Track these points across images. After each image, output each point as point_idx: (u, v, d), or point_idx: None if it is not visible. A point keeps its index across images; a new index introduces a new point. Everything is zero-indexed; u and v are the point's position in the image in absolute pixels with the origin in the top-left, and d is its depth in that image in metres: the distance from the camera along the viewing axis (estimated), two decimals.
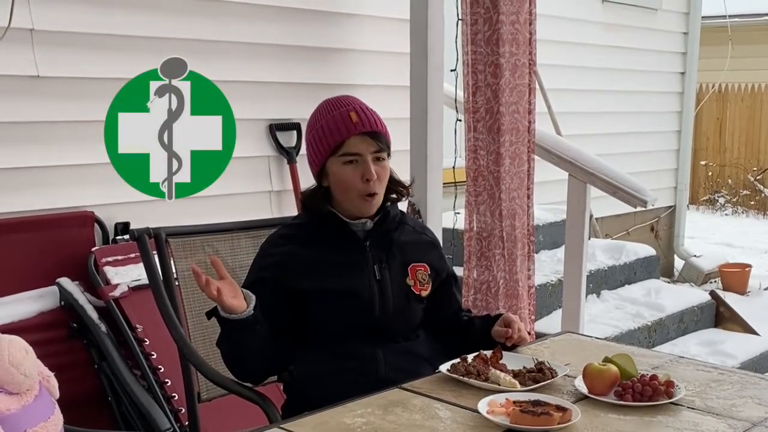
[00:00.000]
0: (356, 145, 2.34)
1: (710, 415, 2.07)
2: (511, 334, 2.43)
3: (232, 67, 4.31)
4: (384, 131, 2.39)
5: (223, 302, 2.16)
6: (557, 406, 1.99)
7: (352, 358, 2.38)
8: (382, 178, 2.38)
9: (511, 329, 2.44)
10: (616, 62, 7.16)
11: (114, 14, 3.85)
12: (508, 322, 2.46)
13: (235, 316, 2.21)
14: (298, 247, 2.42)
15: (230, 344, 2.32)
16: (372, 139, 2.35)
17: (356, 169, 2.35)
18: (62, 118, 3.76)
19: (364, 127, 2.34)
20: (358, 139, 2.34)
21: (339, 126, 2.35)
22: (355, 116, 2.34)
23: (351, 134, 2.34)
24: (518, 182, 4.31)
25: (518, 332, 2.45)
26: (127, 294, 3.62)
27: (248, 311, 2.22)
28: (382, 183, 2.39)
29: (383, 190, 2.41)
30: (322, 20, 4.69)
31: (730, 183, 13.37)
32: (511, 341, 2.45)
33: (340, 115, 2.36)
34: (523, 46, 4.28)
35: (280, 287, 2.38)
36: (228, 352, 2.36)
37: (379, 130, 2.36)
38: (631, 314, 5.49)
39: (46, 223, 3.68)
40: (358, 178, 2.35)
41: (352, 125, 2.34)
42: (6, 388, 1.93)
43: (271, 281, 2.39)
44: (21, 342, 1.99)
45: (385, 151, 2.38)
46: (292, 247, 2.43)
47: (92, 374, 3.55)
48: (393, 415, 2.03)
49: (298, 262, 2.39)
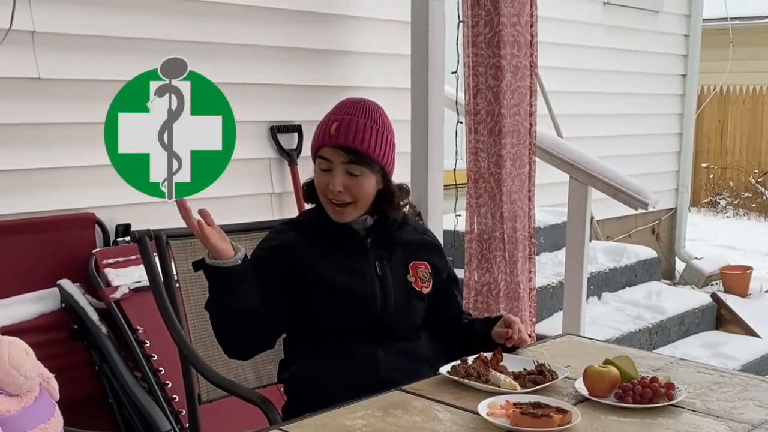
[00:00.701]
0: (329, 153, 2.38)
1: (711, 418, 2.07)
2: (512, 335, 2.44)
3: (233, 69, 4.31)
4: (363, 150, 2.36)
5: (209, 242, 2.18)
6: (557, 408, 1.99)
7: (353, 359, 2.38)
8: (353, 190, 2.38)
9: (512, 330, 2.44)
10: (617, 65, 7.17)
11: (115, 16, 3.86)
12: (509, 323, 2.47)
13: (221, 263, 2.21)
14: (301, 238, 2.45)
15: (218, 301, 2.29)
16: (344, 152, 2.36)
17: (326, 176, 2.40)
18: (63, 120, 3.76)
19: (338, 141, 2.36)
20: (331, 150, 2.38)
21: (319, 135, 2.41)
22: (334, 129, 2.37)
23: (325, 145, 2.39)
24: (519, 184, 4.31)
25: (518, 333, 2.45)
26: (127, 296, 3.62)
27: (236, 258, 2.23)
28: (354, 194, 2.39)
29: (360, 203, 2.41)
30: (324, 22, 4.69)
31: (731, 185, 13.38)
32: (512, 342, 2.45)
33: (325, 123, 2.41)
34: (524, 48, 4.28)
35: (281, 267, 2.39)
36: (216, 311, 2.33)
37: (355, 147, 2.36)
38: (632, 316, 5.48)
39: (47, 224, 3.68)
40: (326, 185, 2.39)
41: (328, 137, 2.38)
42: (6, 390, 1.93)
43: (272, 260, 2.40)
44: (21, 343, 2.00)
45: (359, 165, 2.37)
46: (295, 236, 2.46)
47: (93, 376, 3.55)
48: (393, 417, 2.03)
49: (300, 251, 2.42)
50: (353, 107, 2.42)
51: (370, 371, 2.37)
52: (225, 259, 2.22)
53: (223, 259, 2.22)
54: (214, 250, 2.20)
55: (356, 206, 2.41)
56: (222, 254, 2.21)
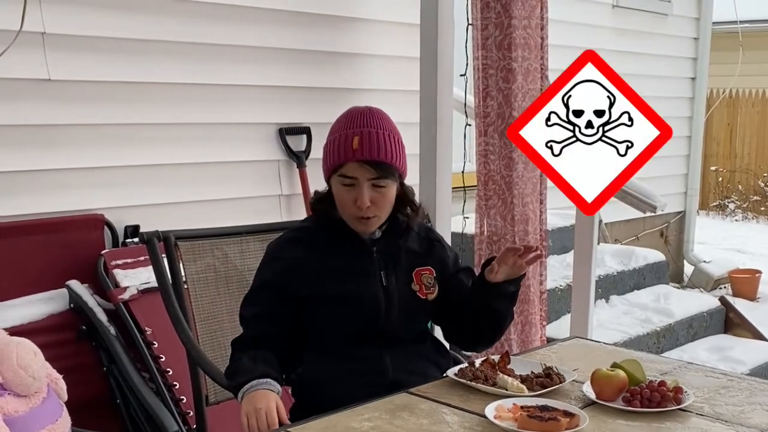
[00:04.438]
0: (354, 170, 2.32)
1: (719, 422, 2.06)
2: (497, 267, 2.37)
3: (242, 71, 4.33)
4: (388, 160, 2.33)
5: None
6: (565, 411, 1.99)
7: (360, 361, 2.38)
8: (380, 203, 2.36)
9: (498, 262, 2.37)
10: (627, 67, 7.12)
11: (125, 18, 3.87)
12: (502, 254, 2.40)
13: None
14: (306, 252, 2.42)
15: None
16: (371, 166, 2.32)
17: (351, 192, 2.34)
18: (73, 121, 3.77)
19: (363, 155, 2.31)
20: (356, 165, 2.32)
21: (339, 149, 2.33)
22: (357, 142, 2.31)
23: (349, 160, 2.32)
24: (531, 187, 4.31)
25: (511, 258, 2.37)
26: (136, 297, 3.63)
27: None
28: (380, 207, 2.37)
29: (384, 213, 2.40)
30: (333, 25, 4.70)
31: (740, 188, 13.34)
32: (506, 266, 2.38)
33: (345, 138, 2.33)
34: (534, 50, 4.28)
35: (287, 292, 2.38)
36: None
37: (380, 160, 2.32)
38: (640, 320, 5.47)
39: (56, 225, 3.69)
40: (352, 202, 2.34)
41: (351, 152, 2.31)
42: (14, 391, 1.94)
43: (278, 286, 2.39)
44: (29, 344, 2.00)
45: (386, 179, 2.34)
46: (300, 251, 2.43)
47: (101, 377, 3.55)
48: (400, 420, 2.03)
49: (305, 268, 2.39)
50: (366, 118, 2.37)
51: (376, 373, 2.37)
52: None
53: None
54: None
55: (380, 217, 2.40)
56: None
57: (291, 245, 2.46)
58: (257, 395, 2.19)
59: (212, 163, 4.27)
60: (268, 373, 2.25)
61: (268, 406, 2.15)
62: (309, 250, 2.42)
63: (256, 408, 2.15)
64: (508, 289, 2.42)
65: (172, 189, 4.12)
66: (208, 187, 4.26)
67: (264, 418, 2.13)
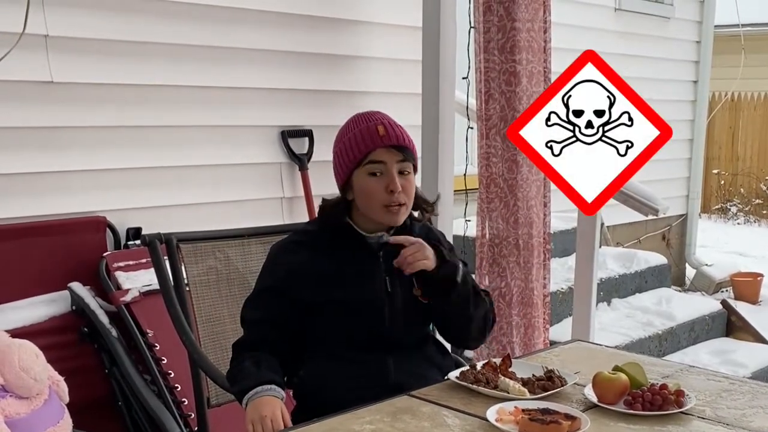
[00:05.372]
0: (382, 155, 2.34)
1: (721, 425, 2.06)
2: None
3: (244, 74, 4.33)
4: (411, 146, 2.39)
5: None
6: (566, 414, 1.99)
7: (362, 364, 2.38)
8: (408, 190, 2.38)
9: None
10: (629, 70, 7.11)
11: (127, 20, 3.87)
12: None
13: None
14: (310, 256, 2.41)
15: None
16: (398, 150, 2.35)
17: (380, 181, 2.35)
18: (75, 124, 3.77)
19: (391, 140, 2.34)
20: (384, 151, 2.34)
21: (365, 138, 2.35)
22: (383, 130, 2.35)
23: (377, 146, 2.34)
24: (535, 190, 4.31)
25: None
26: (138, 299, 3.63)
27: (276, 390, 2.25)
28: (409, 195, 2.38)
29: (411, 201, 2.41)
30: (335, 28, 4.70)
31: (742, 192, 13.33)
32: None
33: (367, 129, 2.36)
34: (538, 53, 4.28)
35: (289, 295, 2.38)
36: None
37: (406, 145, 2.37)
38: (642, 323, 5.47)
39: (59, 227, 3.70)
40: (382, 189, 2.35)
41: (378, 138, 2.34)
42: (16, 393, 1.94)
43: (280, 289, 2.39)
44: (31, 346, 2.01)
45: (411, 163, 2.38)
46: (304, 255, 2.42)
47: (102, 379, 3.56)
48: (401, 423, 2.03)
49: (308, 272, 2.39)
50: (375, 115, 2.41)
51: (379, 376, 2.37)
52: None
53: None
54: None
55: (407, 207, 2.40)
56: None
57: (294, 249, 2.45)
58: (262, 402, 2.19)
59: (214, 165, 4.27)
60: (272, 379, 2.25)
61: (274, 414, 2.15)
62: (313, 254, 2.42)
63: (261, 416, 2.15)
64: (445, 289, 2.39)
65: (174, 191, 4.13)
66: (210, 189, 4.26)
67: (270, 426, 2.13)
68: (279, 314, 2.38)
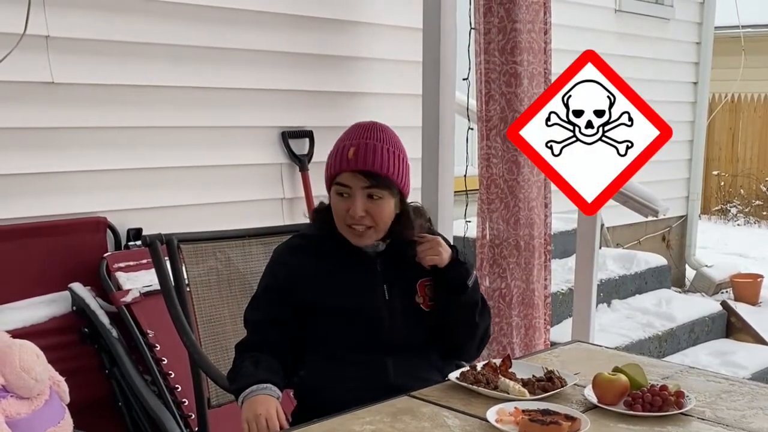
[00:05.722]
0: (347, 179, 2.34)
1: (720, 426, 2.06)
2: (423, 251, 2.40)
3: (245, 75, 4.33)
4: (383, 173, 2.34)
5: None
6: (566, 415, 2.00)
7: (362, 366, 2.38)
8: (375, 214, 2.36)
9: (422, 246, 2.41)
10: (629, 72, 7.11)
11: (128, 22, 3.87)
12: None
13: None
14: (311, 260, 2.43)
15: None
16: (364, 176, 2.33)
17: (345, 202, 2.36)
18: (76, 124, 3.77)
19: (357, 165, 2.32)
20: (350, 175, 2.34)
21: (335, 160, 2.37)
22: (352, 153, 2.33)
23: (343, 170, 2.34)
24: (536, 191, 4.31)
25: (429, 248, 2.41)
26: (138, 300, 3.63)
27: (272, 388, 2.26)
28: (377, 219, 2.36)
29: (380, 226, 2.39)
30: (336, 29, 4.70)
31: (742, 193, 13.33)
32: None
33: (342, 149, 2.36)
34: (538, 54, 4.28)
35: (291, 297, 2.39)
36: None
37: (375, 171, 2.33)
38: (642, 324, 5.47)
39: (59, 228, 3.70)
40: (345, 211, 2.36)
41: (346, 162, 2.34)
42: (17, 393, 1.94)
43: (282, 290, 2.40)
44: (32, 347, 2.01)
45: (379, 189, 2.35)
46: (305, 259, 2.43)
47: (103, 379, 3.56)
48: (401, 423, 2.03)
49: (310, 275, 2.40)
50: (367, 131, 2.39)
51: (379, 377, 2.37)
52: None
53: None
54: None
55: (376, 230, 2.39)
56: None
57: (297, 252, 2.46)
58: (257, 400, 2.20)
59: (215, 166, 4.27)
60: (268, 379, 2.25)
61: (269, 412, 2.15)
62: (314, 259, 2.43)
63: (256, 414, 2.15)
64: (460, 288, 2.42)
65: (175, 192, 4.13)
66: (210, 190, 4.26)
67: (264, 424, 2.13)
68: (280, 315, 2.39)
